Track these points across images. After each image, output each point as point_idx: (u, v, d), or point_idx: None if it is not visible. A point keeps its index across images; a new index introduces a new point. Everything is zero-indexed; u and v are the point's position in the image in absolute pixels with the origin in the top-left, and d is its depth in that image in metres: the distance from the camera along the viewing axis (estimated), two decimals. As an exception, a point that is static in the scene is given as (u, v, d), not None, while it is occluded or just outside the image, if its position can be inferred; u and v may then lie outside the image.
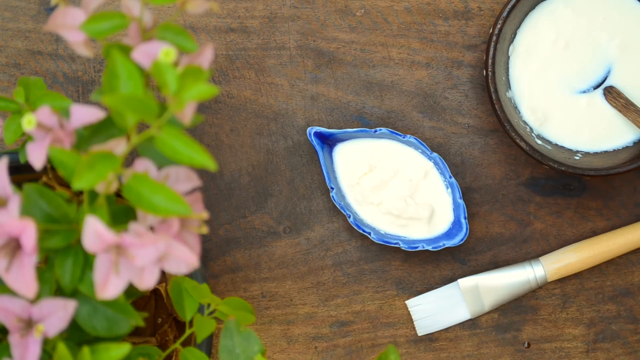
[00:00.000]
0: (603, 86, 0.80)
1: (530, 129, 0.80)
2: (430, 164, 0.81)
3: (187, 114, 0.51)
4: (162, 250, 0.50)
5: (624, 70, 0.79)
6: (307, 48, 0.82)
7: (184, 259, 0.51)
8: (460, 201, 0.80)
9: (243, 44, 0.82)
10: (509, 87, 0.80)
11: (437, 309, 0.82)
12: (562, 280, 0.83)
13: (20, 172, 0.68)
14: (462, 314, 0.82)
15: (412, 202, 0.80)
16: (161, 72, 0.49)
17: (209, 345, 0.68)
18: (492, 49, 0.77)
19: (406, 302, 0.82)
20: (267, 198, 0.83)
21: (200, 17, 0.82)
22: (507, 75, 0.80)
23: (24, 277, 0.50)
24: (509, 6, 0.77)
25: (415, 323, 0.82)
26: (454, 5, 0.82)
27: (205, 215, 0.52)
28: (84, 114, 0.52)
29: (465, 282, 0.81)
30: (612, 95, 0.79)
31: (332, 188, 0.81)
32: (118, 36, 0.80)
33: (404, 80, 0.82)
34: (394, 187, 0.81)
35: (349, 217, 0.81)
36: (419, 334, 0.82)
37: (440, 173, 0.81)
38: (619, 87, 0.79)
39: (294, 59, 0.82)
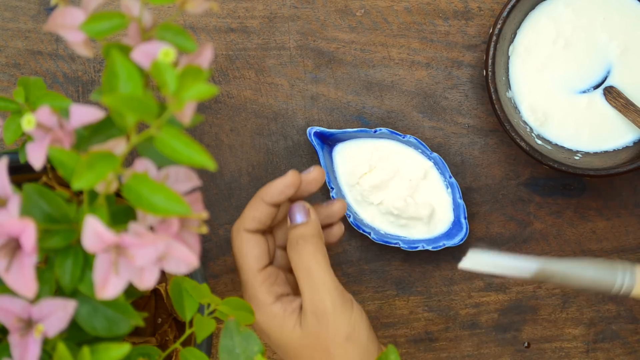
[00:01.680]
0: (603, 86, 0.80)
1: (530, 129, 0.80)
2: (430, 163, 0.81)
3: (186, 113, 0.51)
4: (162, 250, 0.50)
5: (624, 70, 0.79)
6: (307, 48, 0.82)
7: (184, 259, 0.51)
8: (460, 201, 0.80)
9: (243, 44, 0.82)
10: (509, 87, 0.80)
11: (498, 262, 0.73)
12: (562, 280, 0.83)
13: (20, 172, 0.68)
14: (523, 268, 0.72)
15: (412, 201, 0.80)
16: (161, 72, 0.49)
17: (209, 345, 0.68)
18: (492, 49, 0.77)
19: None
20: (267, 198, 0.83)
21: (200, 17, 0.82)
22: (507, 75, 0.80)
23: (23, 277, 0.50)
24: (509, 6, 0.77)
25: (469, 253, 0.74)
26: (454, 5, 0.82)
27: (205, 215, 0.52)
28: (83, 114, 0.52)
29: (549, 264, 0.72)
30: (612, 95, 0.79)
31: (332, 188, 0.81)
32: (118, 36, 0.80)
33: (404, 80, 0.82)
34: (394, 187, 0.81)
35: (349, 217, 0.81)
36: (460, 266, 0.74)
37: (440, 173, 0.81)
38: (619, 87, 0.79)
39: (294, 59, 0.82)
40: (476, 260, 0.73)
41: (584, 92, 0.80)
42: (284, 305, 0.71)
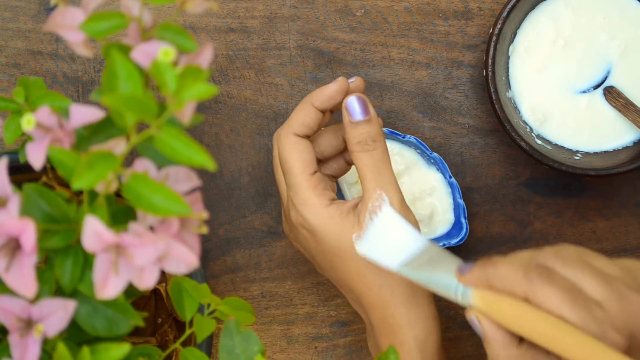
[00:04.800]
0: (603, 86, 0.80)
1: (530, 129, 0.80)
2: (437, 176, 0.80)
3: (186, 113, 0.51)
4: (161, 250, 0.50)
5: (624, 70, 0.79)
6: (307, 48, 0.82)
7: (184, 259, 0.51)
8: (460, 201, 0.80)
9: (243, 44, 0.82)
10: (509, 87, 0.80)
11: (389, 237, 0.69)
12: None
13: (20, 172, 0.68)
14: (393, 258, 0.68)
15: (411, 208, 0.80)
16: (160, 71, 0.49)
17: (209, 345, 0.68)
18: (492, 49, 0.77)
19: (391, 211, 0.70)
20: (267, 198, 0.83)
21: (200, 17, 0.82)
22: (507, 75, 0.80)
23: (23, 277, 0.50)
24: (509, 6, 0.77)
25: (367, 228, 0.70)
26: (454, 5, 0.82)
27: (205, 215, 0.52)
28: (83, 114, 0.52)
29: (433, 248, 0.68)
30: (612, 95, 0.79)
31: (332, 188, 0.81)
32: (118, 36, 0.80)
33: (404, 80, 0.82)
34: None
35: (349, 217, 0.81)
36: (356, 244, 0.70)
37: (441, 173, 0.81)
38: (619, 87, 0.79)
39: (294, 59, 0.82)
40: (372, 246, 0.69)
41: (584, 92, 0.80)
42: (338, 207, 0.70)
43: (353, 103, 0.71)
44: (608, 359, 0.58)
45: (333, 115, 0.74)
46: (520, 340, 0.63)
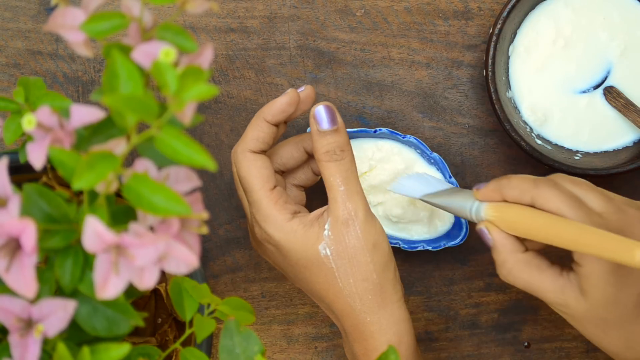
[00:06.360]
0: (603, 86, 0.80)
1: (530, 129, 0.80)
2: (436, 172, 0.80)
3: (187, 114, 0.51)
4: (162, 250, 0.50)
5: (624, 70, 0.79)
6: (307, 48, 0.82)
7: (184, 259, 0.51)
8: (460, 201, 0.80)
9: (243, 44, 0.82)
10: (509, 87, 0.80)
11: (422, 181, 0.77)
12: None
13: (20, 172, 0.68)
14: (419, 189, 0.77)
15: (410, 207, 0.80)
16: (161, 72, 0.49)
17: (209, 345, 0.68)
18: (492, 49, 0.77)
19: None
20: (267, 198, 0.83)
21: (200, 17, 0.82)
22: (507, 75, 0.80)
23: (24, 277, 0.50)
24: (509, 6, 0.77)
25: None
26: (454, 5, 0.82)
27: (205, 215, 0.52)
28: (84, 114, 0.52)
29: (455, 188, 0.76)
30: (612, 95, 0.79)
31: (332, 188, 0.80)
32: (118, 36, 0.80)
33: (404, 80, 0.82)
34: (393, 195, 0.80)
35: (349, 217, 0.80)
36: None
37: (441, 173, 0.81)
38: (619, 87, 0.79)
39: (294, 59, 0.82)
40: (402, 185, 0.78)
41: (584, 92, 0.80)
42: (301, 220, 0.70)
43: (321, 112, 0.71)
44: (607, 237, 0.62)
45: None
46: (526, 249, 0.69)
